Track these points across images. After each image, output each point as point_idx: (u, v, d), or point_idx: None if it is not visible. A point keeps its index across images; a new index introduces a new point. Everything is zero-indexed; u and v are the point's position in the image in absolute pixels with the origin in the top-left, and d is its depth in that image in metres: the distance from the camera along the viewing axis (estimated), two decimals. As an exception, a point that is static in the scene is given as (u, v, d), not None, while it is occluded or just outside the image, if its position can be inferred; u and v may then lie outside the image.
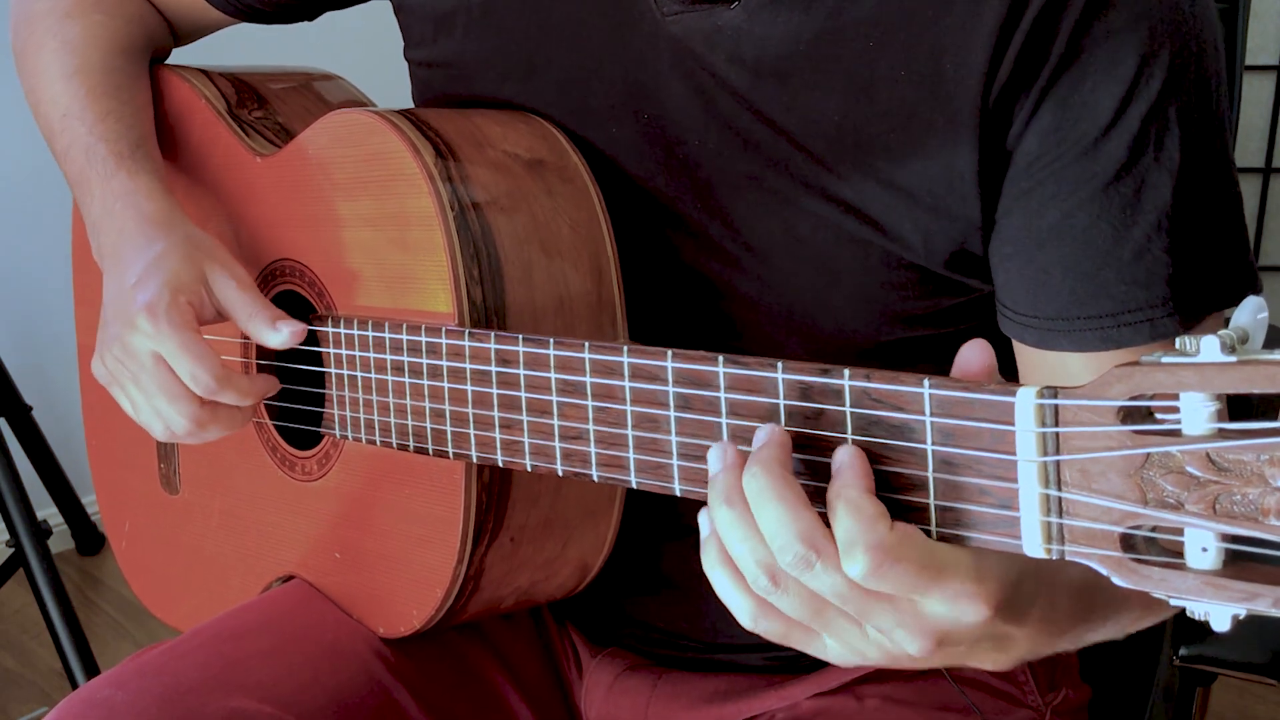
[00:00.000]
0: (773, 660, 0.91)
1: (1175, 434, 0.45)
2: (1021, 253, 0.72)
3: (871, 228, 0.75)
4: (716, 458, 0.58)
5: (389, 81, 1.16)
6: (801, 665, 0.90)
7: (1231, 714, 1.79)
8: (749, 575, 0.57)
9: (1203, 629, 0.97)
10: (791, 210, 0.77)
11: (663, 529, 0.89)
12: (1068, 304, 0.71)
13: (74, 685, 1.75)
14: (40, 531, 1.78)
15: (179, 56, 1.08)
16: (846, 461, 0.55)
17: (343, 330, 0.84)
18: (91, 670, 1.75)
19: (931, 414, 0.52)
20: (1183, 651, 0.98)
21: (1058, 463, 0.48)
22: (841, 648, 0.59)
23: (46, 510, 2.26)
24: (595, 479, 0.67)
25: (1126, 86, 0.68)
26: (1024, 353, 0.75)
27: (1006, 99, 0.70)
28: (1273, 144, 2.48)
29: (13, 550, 1.82)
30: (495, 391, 0.72)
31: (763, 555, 0.56)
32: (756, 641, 0.90)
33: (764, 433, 0.57)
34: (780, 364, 0.57)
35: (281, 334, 0.83)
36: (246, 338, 0.92)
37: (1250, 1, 1.03)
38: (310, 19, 1.02)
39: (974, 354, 0.55)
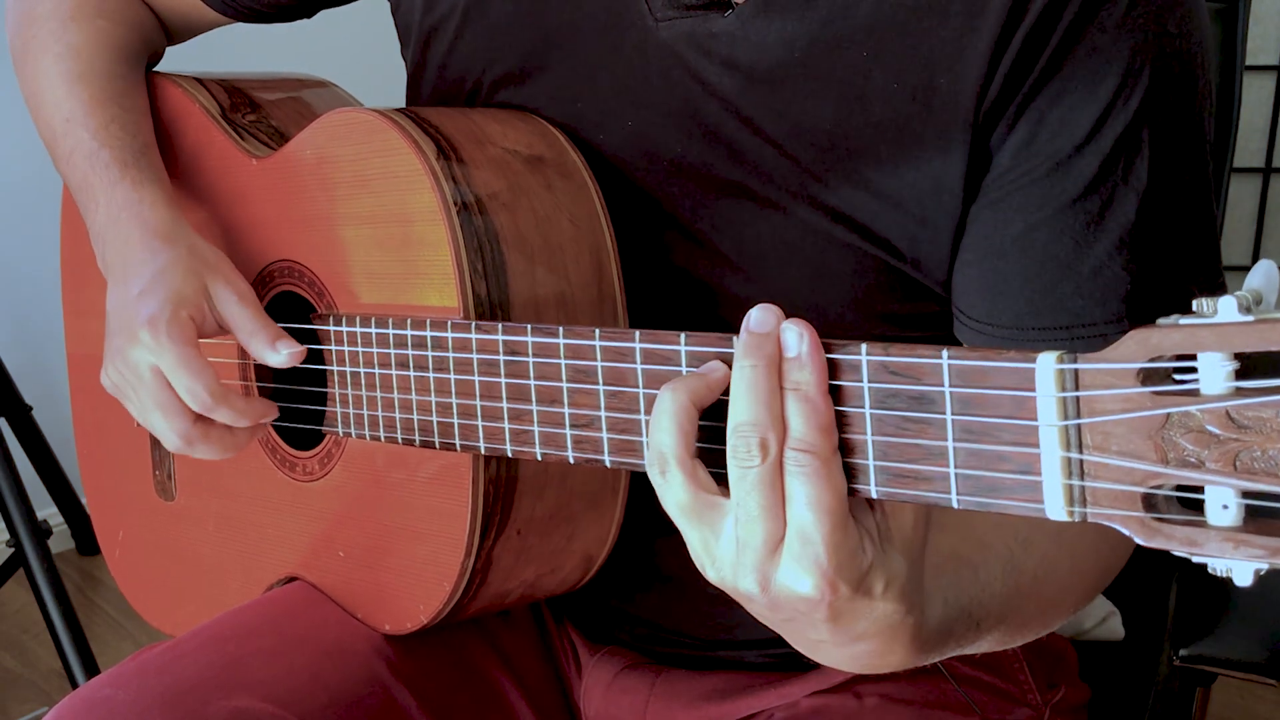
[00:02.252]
0: (771, 657, 0.91)
1: (1194, 394, 0.46)
2: (983, 260, 0.73)
3: (860, 235, 0.76)
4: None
5: (385, 83, 1.17)
6: (800, 663, 0.90)
7: (1231, 714, 1.80)
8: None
9: (1203, 629, 0.98)
10: (780, 217, 0.78)
11: (662, 525, 0.89)
12: (1023, 314, 0.72)
13: (74, 685, 1.73)
14: (40, 531, 1.77)
15: (172, 63, 1.08)
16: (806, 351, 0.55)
17: (345, 328, 0.84)
18: (91, 670, 1.73)
19: (950, 384, 0.53)
20: (1183, 651, 0.99)
21: (1079, 426, 0.49)
22: (692, 549, 0.60)
23: (46, 510, 2.25)
24: (608, 464, 0.67)
25: (1104, 106, 0.69)
26: None
27: (995, 112, 0.71)
28: (1273, 144, 2.51)
29: (13, 550, 1.81)
30: (503, 381, 0.73)
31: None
32: (755, 638, 0.91)
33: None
34: None
35: (280, 355, 0.84)
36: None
37: (1250, 2, 1.05)
38: (308, 16, 1.03)
39: None
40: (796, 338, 0.55)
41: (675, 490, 0.58)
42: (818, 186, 0.76)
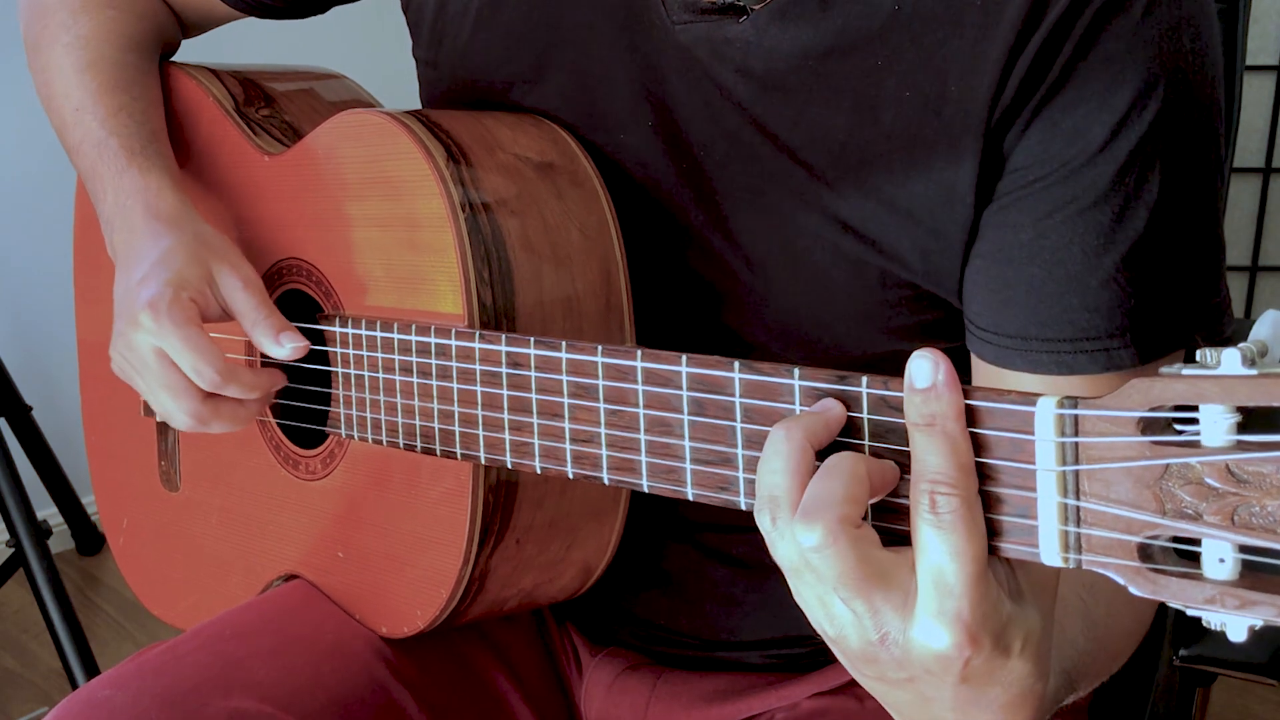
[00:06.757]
0: (773, 659, 0.91)
1: (1194, 445, 0.46)
2: (990, 267, 0.73)
3: (869, 247, 0.76)
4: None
5: (396, 80, 1.17)
6: (802, 665, 0.90)
7: (1231, 714, 1.80)
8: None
9: (1203, 629, 0.98)
10: (790, 226, 0.77)
11: (665, 528, 0.89)
12: (1028, 324, 0.72)
13: (74, 685, 1.74)
14: (40, 531, 1.78)
15: (184, 53, 1.08)
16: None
17: (351, 330, 0.84)
18: (91, 670, 1.74)
19: (949, 422, 0.52)
20: (1183, 651, 0.99)
21: (1076, 472, 0.49)
22: (805, 603, 0.56)
23: (46, 510, 2.26)
24: (606, 482, 0.67)
25: (1119, 116, 0.68)
26: (980, 369, 0.75)
27: (1007, 118, 0.71)
28: (1273, 144, 2.49)
29: (13, 550, 1.82)
30: (505, 393, 0.72)
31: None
32: (756, 640, 0.91)
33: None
34: (796, 370, 0.57)
35: (284, 348, 0.84)
36: None
37: (1250, 2, 1.04)
38: (320, 12, 1.02)
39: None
40: (932, 367, 0.51)
41: (788, 544, 0.53)
42: (830, 195, 0.76)
